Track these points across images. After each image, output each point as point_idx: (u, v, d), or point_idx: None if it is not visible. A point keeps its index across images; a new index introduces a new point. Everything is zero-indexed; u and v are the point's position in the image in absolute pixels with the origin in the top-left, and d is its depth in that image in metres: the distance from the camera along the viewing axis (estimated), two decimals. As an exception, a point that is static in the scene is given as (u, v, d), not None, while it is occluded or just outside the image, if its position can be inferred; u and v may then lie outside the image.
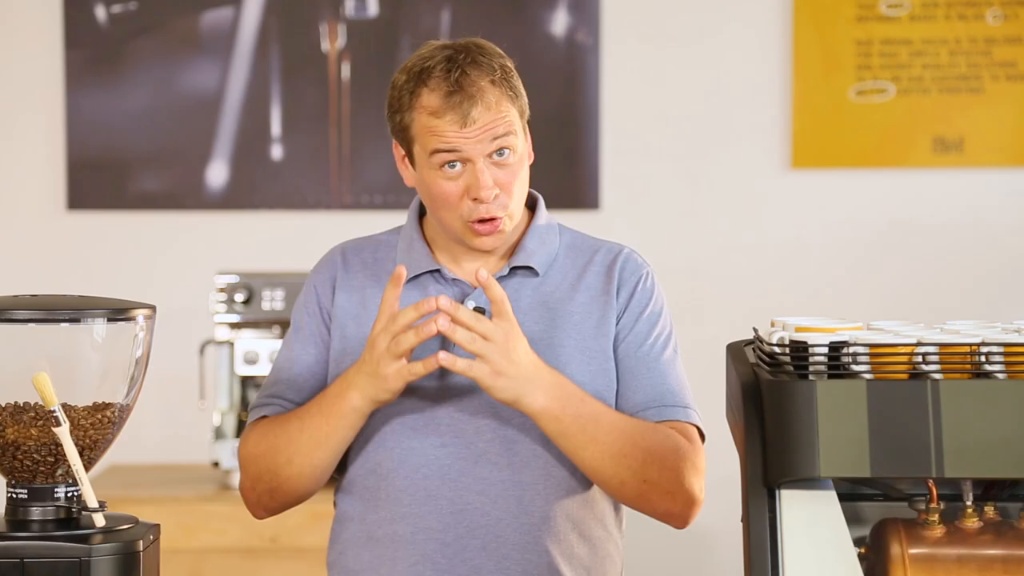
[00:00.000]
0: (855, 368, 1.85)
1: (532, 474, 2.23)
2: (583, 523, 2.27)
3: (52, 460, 1.93)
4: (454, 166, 2.22)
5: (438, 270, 2.31)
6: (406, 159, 2.30)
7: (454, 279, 2.31)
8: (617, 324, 2.30)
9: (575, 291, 2.31)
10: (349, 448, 2.29)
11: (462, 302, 2.28)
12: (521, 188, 2.27)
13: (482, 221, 2.23)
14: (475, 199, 2.22)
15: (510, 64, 2.28)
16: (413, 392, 2.24)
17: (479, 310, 2.26)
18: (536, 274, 2.31)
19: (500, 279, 2.30)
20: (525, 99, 2.30)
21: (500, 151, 2.23)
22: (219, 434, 4.03)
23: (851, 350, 1.85)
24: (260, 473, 2.27)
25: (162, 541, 3.76)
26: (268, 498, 2.29)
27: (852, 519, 1.94)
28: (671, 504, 2.23)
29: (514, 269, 2.31)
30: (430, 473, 2.23)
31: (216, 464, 4.01)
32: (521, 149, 2.26)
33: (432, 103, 2.21)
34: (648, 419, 2.25)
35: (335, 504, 2.34)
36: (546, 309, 2.29)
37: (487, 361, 2.11)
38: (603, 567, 2.30)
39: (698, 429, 2.29)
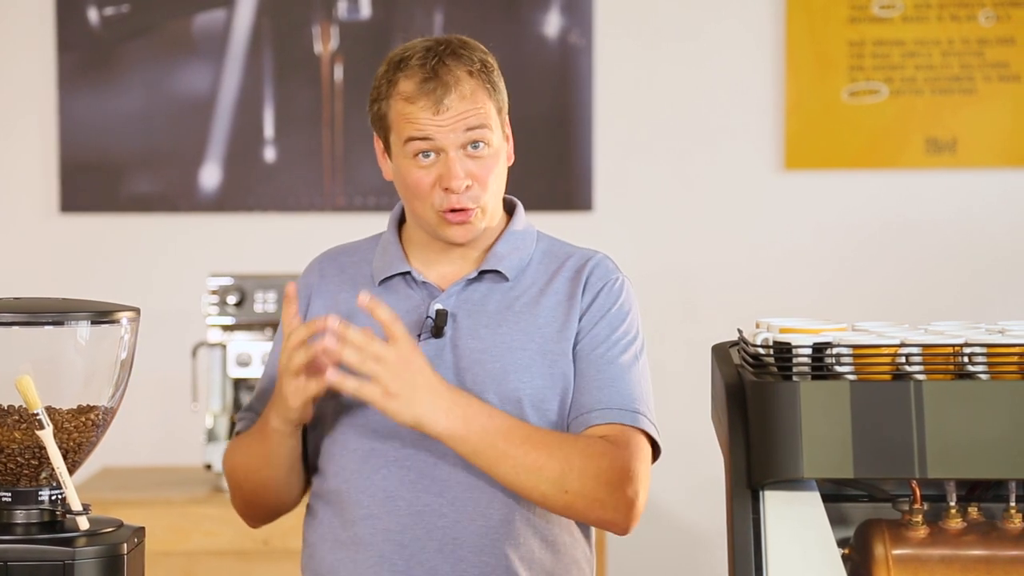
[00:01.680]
0: (839, 369, 1.85)
1: (491, 478, 2.21)
2: (546, 528, 2.26)
3: (36, 463, 1.93)
4: (428, 156, 2.23)
5: (408, 272, 2.31)
6: (385, 153, 2.32)
7: (423, 282, 2.31)
8: (578, 324, 2.28)
9: (543, 296, 2.30)
10: (316, 452, 2.31)
11: (428, 305, 2.28)
12: (496, 183, 2.27)
13: (453, 211, 2.24)
14: (446, 189, 2.22)
15: (492, 60, 2.28)
16: None
17: (442, 313, 2.26)
18: (506, 279, 2.31)
19: (469, 282, 2.30)
20: (504, 96, 2.30)
21: (474, 144, 2.23)
22: (211, 436, 4.03)
23: (834, 351, 1.85)
24: (233, 487, 2.35)
25: (154, 544, 3.78)
26: (247, 507, 2.35)
27: (836, 520, 1.94)
28: (602, 512, 2.20)
29: (484, 273, 2.31)
30: (389, 475, 2.23)
31: (208, 466, 4.01)
32: (496, 144, 2.26)
33: (407, 89, 2.23)
34: (591, 422, 2.22)
35: (307, 506, 2.36)
36: (512, 313, 2.28)
37: (379, 382, 2.10)
38: (568, 572, 2.29)
39: (648, 436, 2.24)
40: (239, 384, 4.09)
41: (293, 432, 2.23)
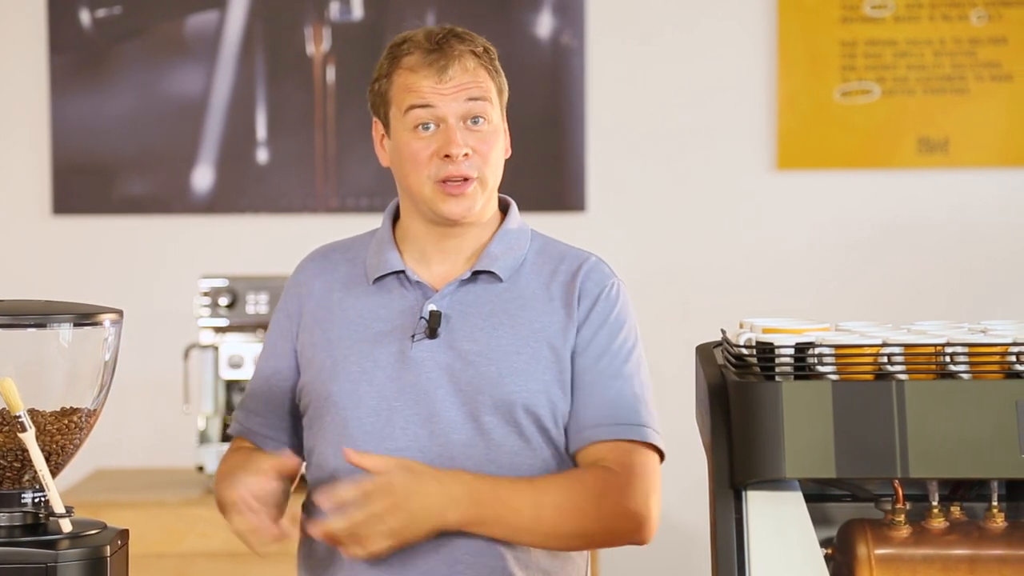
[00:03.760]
0: (821, 369, 1.85)
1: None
2: None
3: (19, 466, 1.93)
4: (428, 128, 2.24)
5: (403, 271, 2.31)
6: (384, 138, 2.31)
7: (417, 281, 2.30)
8: (577, 336, 2.27)
9: (537, 299, 2.29)
10: (312, 449, 2.31)
11: (422, 305, 2.28)
12: (496, 159, 2.27)
13: (452, 181, 2.23)
14: (446, 156, 2.22)
15: (493, 50, 2.31)
16: (372, 395, 2.24)
17: (436, 314, 2.25)
18: (499, 279, 2.31)
19: (463, 283, 2.29)
20: (505, 83, 2.31)
21: (475, 119, 2.24)
22: (204, 438, 4.02)
23: (816, 351, 1.85)
24: None
25: (147, 545, 3.79)
26: None
27: (820, 520, 1.94)
28: (620, 540, 2.24)
29: (477, 273, 2.31)
30: None
31: (201, 468, 4.01)
32: (496, 122, 2.27)
33: (411, 62, 2.25)
34: (595, 438, 2.23)
35: (303, 504, 2.35)
36: (507, 315, 2.28)
37: (384, 530, 2.12)
38: (565, 571, 2.29)
39: (655, 446, 2.26)
40: (231, 386, 4.09)
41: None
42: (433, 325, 2.25)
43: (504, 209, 2.38)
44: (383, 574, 2.21)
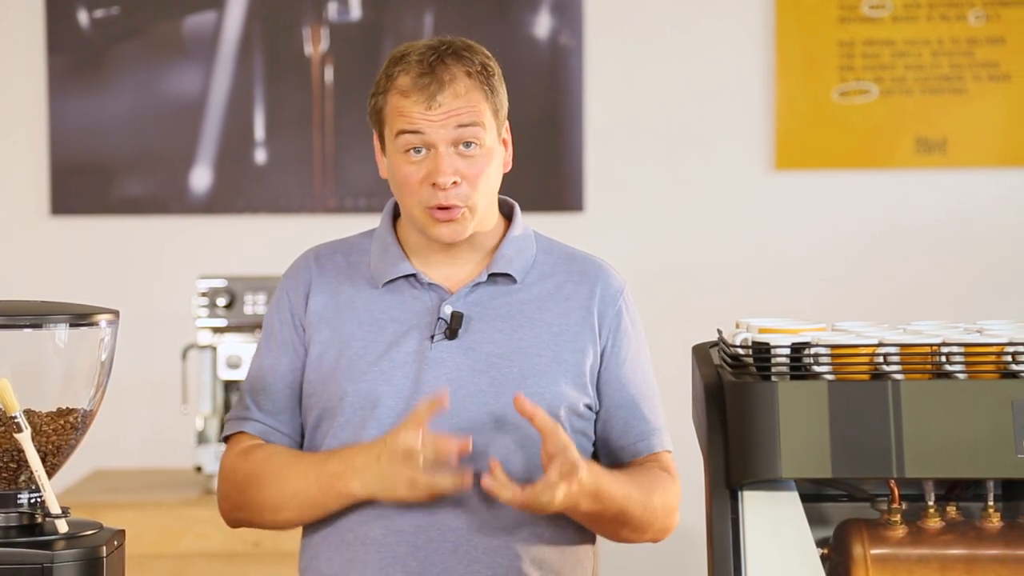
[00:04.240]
0: (817, 369, 1.85)
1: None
2: (553, 529, 2.27)
3: (14, 466, 1.93)
4: (419, 152, 2.23)
5: (414, 275, 2.31)
6: (382, 149, 2.31)
7: (430, 283, 2.30)
8: (602, 355, 2.31)
9: (553, 301, 2.31)
10: (317, 448, 2.29)
11: (439, 307, 2.28)
12: (487, 184, 2.26)
13: (440, 208, 2.23)
14: (433, 185, 2.22)
15: (494, 65, 2.28)
16: (390, 395, 2.24)
17: (457, 315, 2.25)
18: (514, 281, 2.31)
19: (478, 286, 2.29)
20: (504, 100, 2.29)
21: (466, 143, 2.23)
22: (202, 438, 4.02)
23: (812, 351, 1.85)
24: (243, 504, 2.29)
25: (145, 546, 3.80)
26: (246, 523, 2.31)
27: (816, 520, 1.94)
28: (660, 533, 2.32)
29: (492, 276, 2.31)
30: None
31: (199, 469, 4.01)
32: (489, 144, 2.26)
33: (403, 84, 2.24)
34: (638, 452, 2.30)
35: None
36: (525, 318, 2.29)
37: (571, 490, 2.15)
38: (574, 572, 2.30)
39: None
40: (229, 386, 4.08)
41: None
42: (454, 326, 2.25)
43: (508, 213, 2.38)
44: (401, 574, 2.21)
